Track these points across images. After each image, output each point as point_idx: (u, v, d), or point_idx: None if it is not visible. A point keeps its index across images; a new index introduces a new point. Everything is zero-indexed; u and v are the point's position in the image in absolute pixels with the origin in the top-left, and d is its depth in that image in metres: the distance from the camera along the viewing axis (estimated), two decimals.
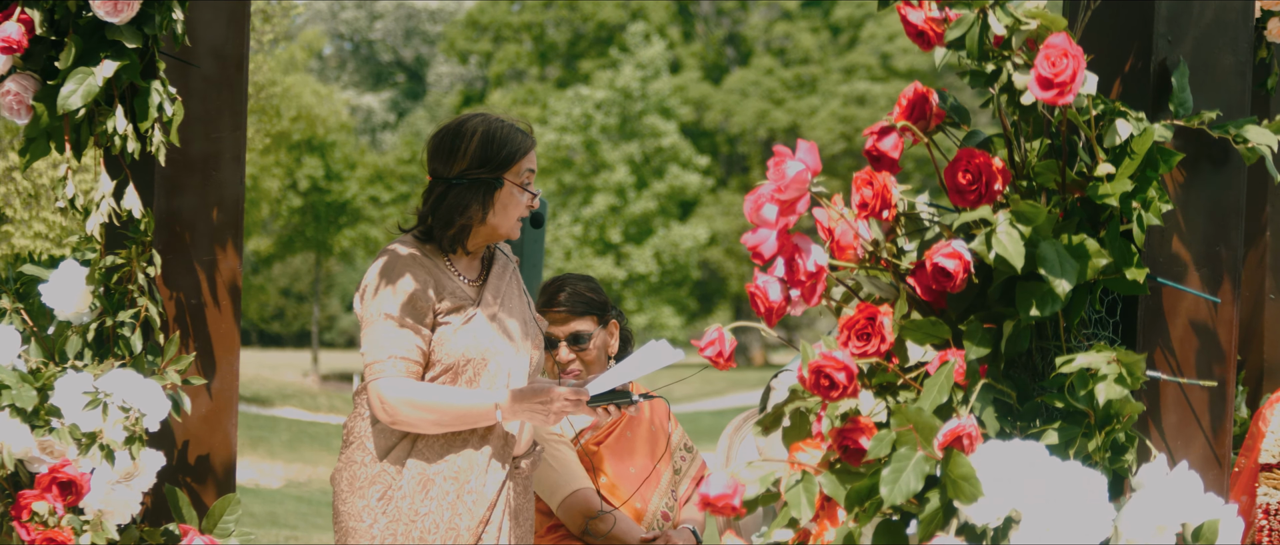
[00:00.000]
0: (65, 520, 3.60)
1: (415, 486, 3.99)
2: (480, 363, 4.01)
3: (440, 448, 4.01)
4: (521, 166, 4.05)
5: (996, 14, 2.90)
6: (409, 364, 3.97)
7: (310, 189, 36.88)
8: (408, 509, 3.98)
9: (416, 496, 3.99)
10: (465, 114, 4.15)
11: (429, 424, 3.98)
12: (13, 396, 3.66)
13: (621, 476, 4.73)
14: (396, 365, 3.96)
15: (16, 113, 3.84)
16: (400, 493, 3.99)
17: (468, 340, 4.01)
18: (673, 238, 40.17)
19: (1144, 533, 2.85)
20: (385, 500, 4.00)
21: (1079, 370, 2.82)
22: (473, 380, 4.03)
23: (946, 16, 2.94)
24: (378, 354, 3.97)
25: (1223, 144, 3.12)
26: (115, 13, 3.73)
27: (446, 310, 4.01)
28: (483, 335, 4.03)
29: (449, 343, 4.00)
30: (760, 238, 2.93)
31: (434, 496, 3.99)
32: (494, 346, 4.04)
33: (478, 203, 4.02)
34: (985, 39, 2.90)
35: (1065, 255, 2.87)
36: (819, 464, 2.92)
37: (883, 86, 41.96)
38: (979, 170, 2.92)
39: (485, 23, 47.22)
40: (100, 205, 3.78)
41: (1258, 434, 4.06)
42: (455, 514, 3.99)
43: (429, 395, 3.97)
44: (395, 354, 3.96)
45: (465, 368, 4.01)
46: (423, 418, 3.97)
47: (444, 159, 4.06)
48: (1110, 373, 2.81)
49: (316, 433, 23.58)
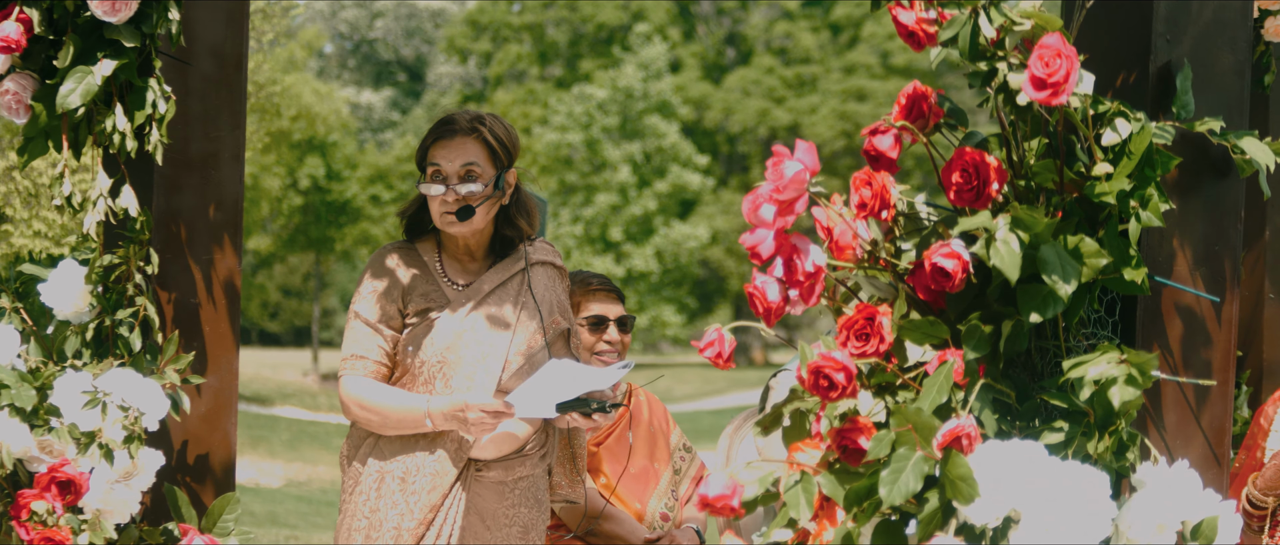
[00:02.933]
0: (64, 519, 3.59)
1: (372, 486, 4.05)
2: (436, 366, 4.03)
3: (394, 448, 4.06)
4: (430, 156, 4.08)
5: (990, 14, 2.90)
6: (368, 363, 4.06)
7: (310, 188, 36.88)
8: (365, 507, 4.05)
9: (372, 495, 4.04)
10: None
11: (376, 424, 4.07)
12: (12, 396, 3.66)
13: (622, 476, 4.74)
14: (354, 365, 4.07)
15: (15, 112, 3.84)
16: (360, 492, 4.05)
17: (427, 343, 4.04)
18: (673, 237, 40.18)
19: (1144, 532, 2.84)
20: (350, 499, 4.09)
21: (1090, 378, 2.81)
22: (437, 382, 4.04)
23: (940, 17, 2.94)
24: (343, 352, 4.11)
25: (1222, 145, 3.12)
26: (113, 12, 3.73)
27: (413, 311, 4.05)
28: (440, 339, 4.04)
29: (410, 345, 4.06)
30: (759, 238, 2.93)
31: (384, 495, 4.04)
32: (455, 350, 4.04)
33: (417, 196, 4.14)
34: (977, 39, 2.90)
35: (1067, 258, 2.86)
36: (818, 464, 2.92)
37: (883, 85, 41.96)
38: (975, 169, 2.92)
39: (485, 22, 47.22)
40: (97, 204, 3.78)
41: (1259, 432, 4.06)
42: (401, 513, 4.02)
43: (373, 396, 4.05)
44: (355, 353, 4.07)
45: (421, 370, 4.04)
46: (369, 418, 4.07)
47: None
48: (1120, 375, 2.81)
49: (316, 432, 23.58)
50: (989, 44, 2.91)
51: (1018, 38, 2.90)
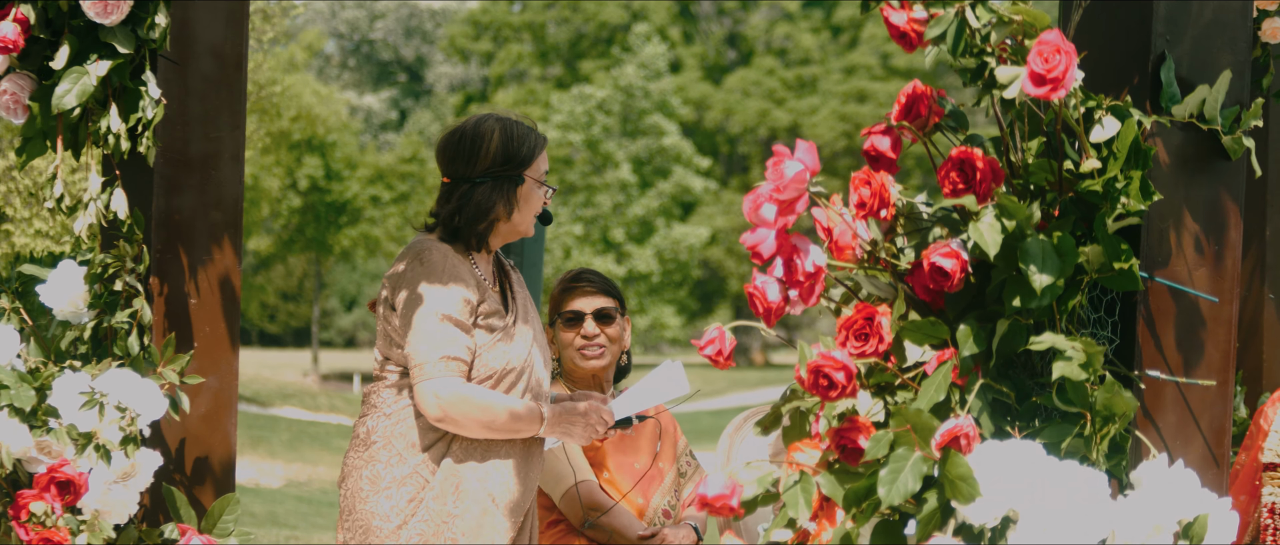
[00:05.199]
0: (62, 520, 3.59)
1: (448, 488, 3.98)
2: (519, 372, 4.03)
3: (477, 452, 4.01)
4: (539, 163, 4.12)
5: (976, 11, 2.90)
6: (460, 364, 3.95)
7: (310, 189, 36.90)
8: (440, 511, 3.96)
9: (449, 498, 3.97)
10: (475, 115, 4.17)
11: (479, 427, 3.97)
12: (11, 396, 3.66)
13: (624, 472, 4.74)
14: (449, 366, 3.93)
15: (13, 112, 3.85)
16: (433, 494, 3.97)
17: (509, 348, 4.03)
18: (674, 237, 40.21)
19: (1141, 532, 2.84)
20: (416, 502, 3.97)
21: (1049, 349, 2.85)
22: (510, 388, 4.03)
23: (931, 15, 2.94)
24: (430, 355, 3.94)
25: (1222, 143, 3.12)
26: (106, 14, 3.73)
27: (486, 314, 4.02)
28: (521, 343, 4.06)
29: (493, 350, 4.01)
30: (759, 238, 2.93)
31: (465, 500, 3.98)
32: (529, 355, 4.07)
33: (502, 200, 4.04)
34: (964, 37, 2.91)
35: (1049, 251, 2.88)
36: (817, 464, 2.92)
37: (883, 86, 41.99)
38: (971, 168, 2.93)
39: (486, 22, 47.25)
40: (88, 206, 3.78)
41: (1258, 432, 4.06)
42: (488, 516, 3.99)
43: (485, 398, 3.96)
44: (448, 354, 3.94)
45: (506, 376, 4.02)
46: (476, 419, 3.95)
47: (466, 159, 4.07)
48: (1076, 357, 2.83)
49: (316, 432, 23.59)
50: (974, 38, 2.92)
51: (1005, 33, 2.90)
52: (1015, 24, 2.90)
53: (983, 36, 2.90)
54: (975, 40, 2.91)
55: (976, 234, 2.87)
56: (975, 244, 2.90)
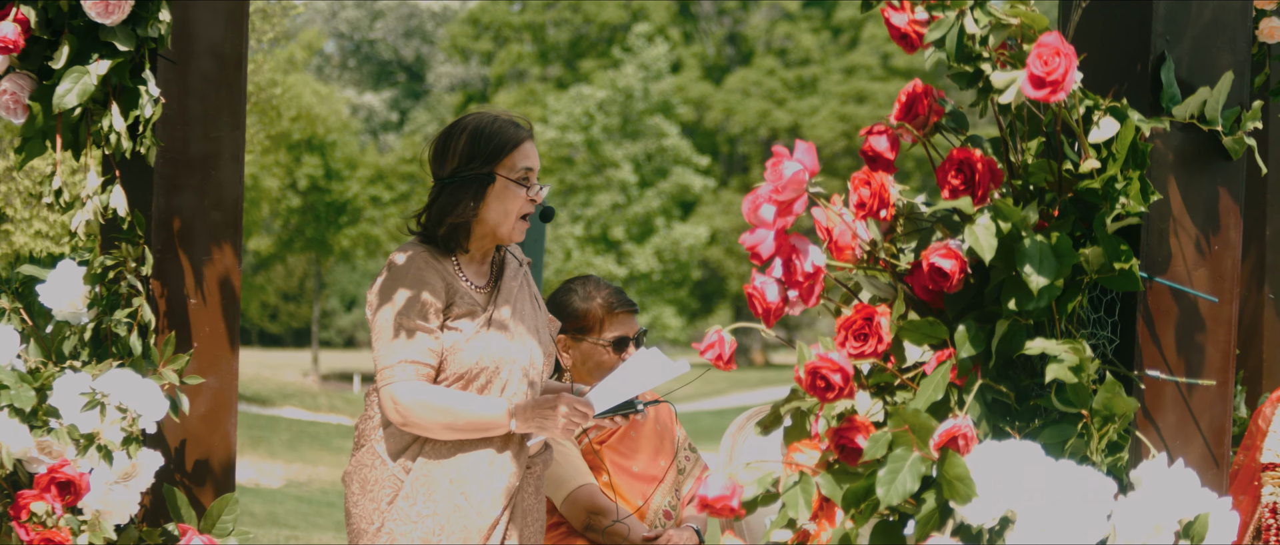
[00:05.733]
0: (63, 520, 3.59)
1: (420, 489, 3.98)
2: (493, 371, 4.00)
3: (447, 450, 3.99)
4: (514, 160, 4.02)
5: (975, 15, 2.90)
6: (420, 367, 3.95)
7: (310, 189, 36.88)
8: (411, 512, 3.97)
9: (420, 498, 3.97)
10: (466, 113, 4.16)
11: (441, 429, 3.96)
12: (11, 396, 3.66)
13: (625, 474, 4.74)
14: (406, 369, 3.94)
15: (13, 112, 3.85)
16: (404, 494, 3.98)
17: (480, 348, 3.99)
18: (674, 237, 40.19)
19: (1141, 532, 2.84)
20: (393, 503, 3.99)
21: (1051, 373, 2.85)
22: (484, 387, 4.01)
23: (932, 17, 2.94)
24: (390, 358, 3.95)
25: (1222, 144, 3.12)
26: (107, 14, 3.74)
27: (457, 315, 3.99)
28: (495, 343, 4.02)
29: (462, 350, 3.98)
30: (758, 238, 2.93)
31: (438, 499, 3.97)
32: (506, 354, 4.03)
33: (470, 199, 3.99)
34: (964, 40, 2.91)
35: (1046, 252, 2.88)
36: (817, 464, 2.92)
37: (883, 87, 41.99)
38: (970, 169, 2.93)
39: (486, 22, 47.24)
40: (86, 204, 3.79)
41: (1258, 432, 4.06)
42: (462, 516, 3.98)
43: (443, 400, 3.95)
44: (406, 358, 3.94)
45: (478, 375, 4.00)
46: (436, 421, 3.95)
47: (438, 159, 4.06)
48: (1067, 360, 2.83)
49: (316, 432, 23.59)
50: (972, 43, 2.92)
51: (1003, 36, 2.90)
52: (1014, 26, 2.90)
53: (980, 41, 2.90)
54: (973, 45, 2.91)
55: (972, 237, 2.87)
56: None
